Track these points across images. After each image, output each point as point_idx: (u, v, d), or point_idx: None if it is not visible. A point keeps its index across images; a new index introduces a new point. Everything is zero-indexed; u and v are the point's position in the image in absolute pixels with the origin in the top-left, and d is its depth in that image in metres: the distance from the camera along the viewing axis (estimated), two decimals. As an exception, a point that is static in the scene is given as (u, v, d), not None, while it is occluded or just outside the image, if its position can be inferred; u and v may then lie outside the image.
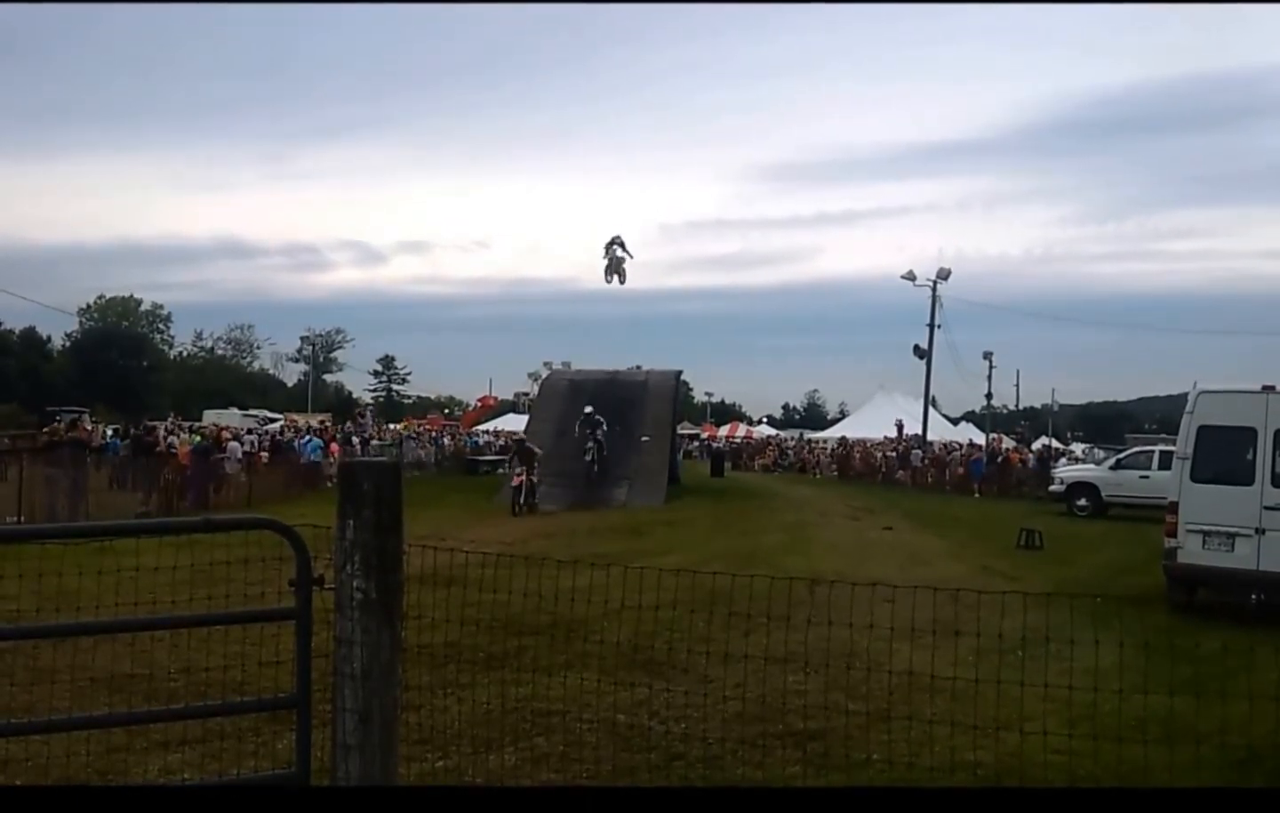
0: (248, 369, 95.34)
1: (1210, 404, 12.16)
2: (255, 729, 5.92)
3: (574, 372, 37.15)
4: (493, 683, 6.73)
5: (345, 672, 3.33)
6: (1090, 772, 5.56)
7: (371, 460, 3.26)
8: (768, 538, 18.73)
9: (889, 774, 5.49)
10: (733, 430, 75.22)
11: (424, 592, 6.53)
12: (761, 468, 53.45)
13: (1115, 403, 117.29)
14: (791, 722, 6.47)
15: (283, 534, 3.66)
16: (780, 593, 5.63)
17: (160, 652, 6.30)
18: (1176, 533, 12.01)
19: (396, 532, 3.42)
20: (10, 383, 59.83)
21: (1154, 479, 23.77)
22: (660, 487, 28.34)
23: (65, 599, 6.86)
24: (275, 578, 5.39)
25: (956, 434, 60.38)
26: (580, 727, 6.27)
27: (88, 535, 10.69)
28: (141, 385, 71.87)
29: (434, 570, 6.57)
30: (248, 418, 51.48)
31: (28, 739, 5.27)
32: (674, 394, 33.93)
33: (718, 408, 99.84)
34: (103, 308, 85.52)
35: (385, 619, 3.35)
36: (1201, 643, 7.60)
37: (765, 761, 6.02)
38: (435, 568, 6.48)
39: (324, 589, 3.61)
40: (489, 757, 5.73)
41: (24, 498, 18.65)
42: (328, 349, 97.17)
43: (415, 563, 5.40)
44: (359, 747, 3.31)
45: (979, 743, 5.52)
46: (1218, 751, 5.42)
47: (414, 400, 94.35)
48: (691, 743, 6.26)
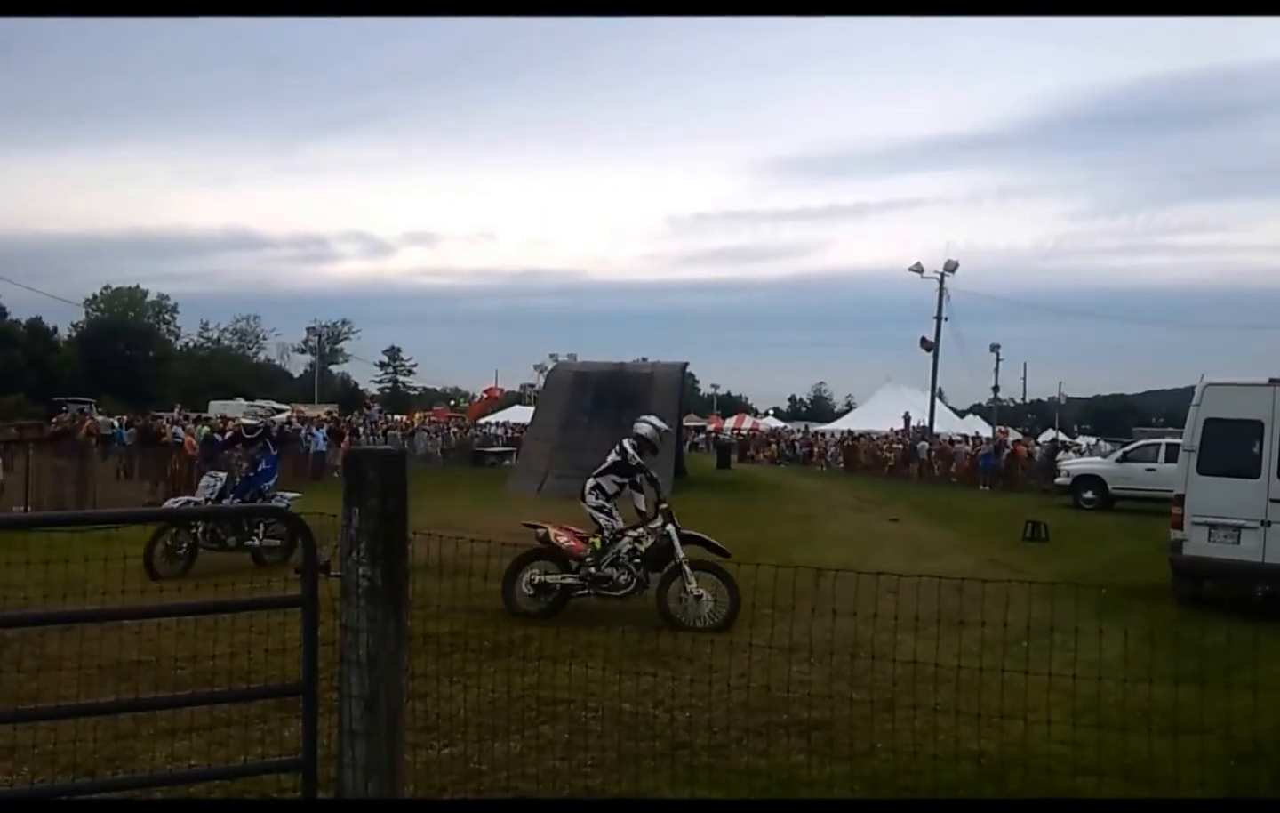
0: (254, 360, 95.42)
1: (1217, 397, 12.14)
2: (262, 717, 5.95)
3: (580, 364, 37.15)
4: (498, 672, 6.75)
5: (351, 659, 3.34)
6: (1094, 762, 5.57)
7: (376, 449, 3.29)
8: (774, 530, 18.75)
9: (893, 763, 5.50)
10: (739, 423, 75.16)
11: (430, 581, 6.57)
12: (767, 460, 53.42)
13: (1122, 396, 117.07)
14: (796, 711, 6.48)
15: (288, 523, 3.67)
16: (785, 583, 5.63)
17: (167, 639, 6.33)
18: (1182, 525, 12.00)
19: (402, 520, 3.43)
20: (17, 374, 59.99)
21: (1160, 472, 23.70)
22: (666, 479, 28.21)
23: (72, 587, 6.91)
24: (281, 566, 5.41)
25: (963, 427, 60.34)
26: (585, 715, 6.29)
27: (94, 523, 10.76)
28: (148, 376, 71.99)
29: (440, 560, 6.60)
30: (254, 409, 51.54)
31: (35, 726, 5.30)
32: (680, 386, 33.92)
33: (724, 400, 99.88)
34: (109, 299, 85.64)
35: (391, 607, 3.36)
36: (1207, 635, 7.58)
37: (770, 749, 6.04)
38: (441, 558, 6.51)
39: (330, 577, 3.63)
40: (494, 744, 5.74)
41: (31, 488, 18.72)
42: (334, 340, 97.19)
43: (421, 553, 5.42)
44: (365, 734, 3.32)
45: (983, 733, 5.53)
46: (1222, 743, 5.42)
47: (420, 392, 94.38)
48: (696, 732, 6.27)
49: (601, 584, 10.07)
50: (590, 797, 5.25)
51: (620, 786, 5.34)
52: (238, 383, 73.30)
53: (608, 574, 10.07)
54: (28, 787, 4.39)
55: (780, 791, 5.44)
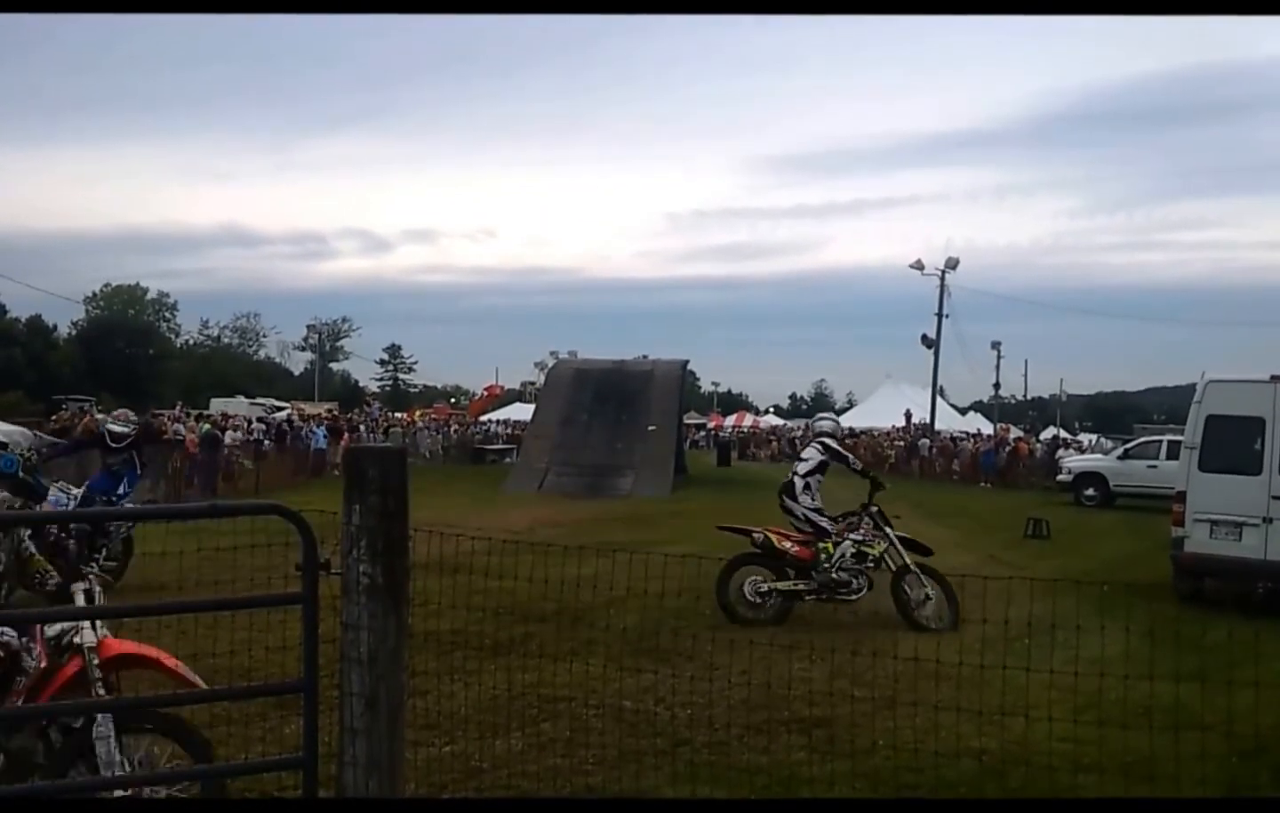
0: (254, 358, 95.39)
1: (1218, 394, 12.14)
2: (262, 715, 5.95)
3: (580, 361, 37.20)
4: (499, 669, 6.74)
5: (352, 656, 3.33)
6: (1095, 760, 5.56)
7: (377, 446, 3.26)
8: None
9: (894, 761, 5.50)
10: (739, 420, 75.15)
11: (431, 579, 6.56)
12: (768, 458, 53.38)
13: (1123, 393, 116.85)
14: (797, 708, 6.48)
15: (289, 519, 3.66)
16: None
17: (167, 637, 6.32)
18: (1184, 522, 12.00)
19: (402, 517, 3.42)
20: (16, 371, 59.92)
21: (1162, 469, 23.69)
22: (666, 477, 28.33)
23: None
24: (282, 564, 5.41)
25: (964, 424, 60.30)
26: (587, 713, 6.29)
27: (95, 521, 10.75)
28: (148, 374, 71.92)
29: (440, 558, 6.59)
30: (255, 407, 51.53)
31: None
32: (680, 384, 33.94)
33: (724, 398, 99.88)
34: (109, 296, 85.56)
35: (391, 604, 3.36)
36: (1208, 632, 7.58)
37: (771, 747, 6.04)
38: (442, 555, 6.49)
39: (330, 574, 3.62)
40: (495, 742, 5.75)
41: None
42: (334, 338, 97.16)
43: (422, 550, 5.41)
44: (366, 732, 3.31)
45: (985, 730, 5.53)
46: (1223, 739, 5.41)
47: (420, 389, 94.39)
48: (698, 729, 6.27)
49: (838, 589, 10.12)
50: (591, 795, 5.25)
51: (621, 783, 5.34)
52: (238, 381, 73.31)
53: (844, 579, 10.13)
54: (28, 786, 4.38)
55: (781, 788, 5.44)
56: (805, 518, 10.43)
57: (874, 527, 10.34)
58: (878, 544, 10.23)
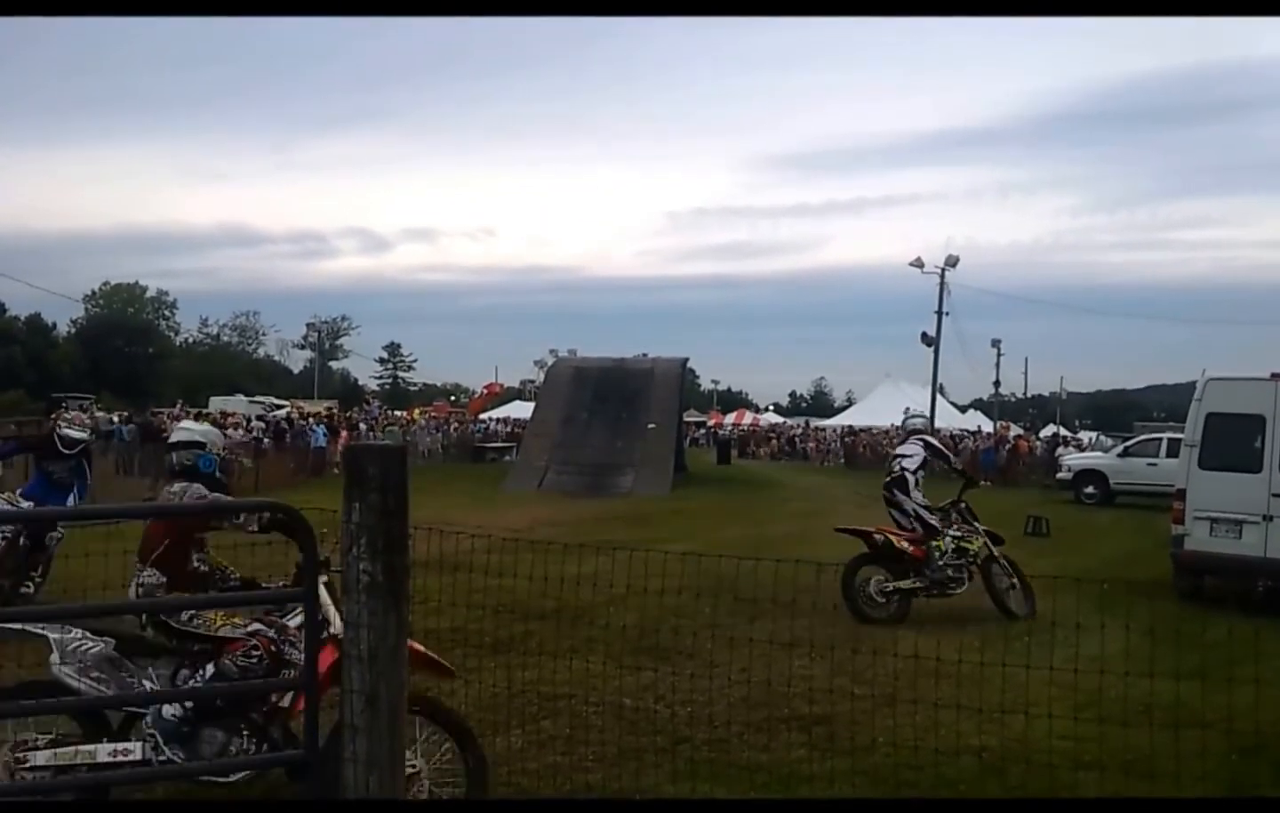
0: (253, 356, 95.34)
1: (1218, 392, 12.13)
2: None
3: (580, 359, 37.19)
4: (499, 667, 6.74)
5: (352, 654, 3.33)
6: (1096, 757, 5.56)
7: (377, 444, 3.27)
8: (776, 527, 18.70)
9: (894, 758, 5.50)
10: (739, 419, 75.12)
11: (431, 576, 6.56)
12: (768, 456, 53.40)
13: (1123, 391, 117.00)
14: (797, 706, 6.48)
15: (289, 517, 3.67)
16: (786, 578, 5.63)
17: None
18: (1184, 520, 11.99)
19: (402, 515, 3.42)
20: (16, 370, 59.94)
21: (1162, 467, 23.65)
22: (666, 475, 28.31)
23: (73, 582, 6.91)
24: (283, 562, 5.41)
25: (964, 422, 60.31)
26: (587, 710, 6.29)
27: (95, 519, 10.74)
28: (147, 372, 71.96)
29: (440, 556, 6.60)
30: (254, 405, 51.54)
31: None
32: (680, 382, 33.95)
33: (724, 396, 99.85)
34: (108, 295, 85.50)
35: (392, 602, 3.35)
36: (1208, 630, 7.59)
37: (771, 744, 6.04)
38: (442, 553, 6.50)
39: (330, 572, 3.63)
40: (495, 739, 5.74)
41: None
42: (333, 336, 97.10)
43: (422, 548, 5.41)
44: (366, 729, 3.31)
45: (984, 727, 5.53)
46: (1224, 737, 5.41)
47: (420, 388, 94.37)
48: (697, 727, 6.27)
49: (948, 585, 10.32)
50: (591, 793, 5.25)
51: (621, 781, 5.34)
52: (238, 379, 73.31)
53: (953, 575, 10.34)
54: (28, 785, 4.38)
55: (781, 785, 5.44)
56: (915, 513, 10.60)
57: (963, 522, 10.68)
58: (975, 539, 10.51)
